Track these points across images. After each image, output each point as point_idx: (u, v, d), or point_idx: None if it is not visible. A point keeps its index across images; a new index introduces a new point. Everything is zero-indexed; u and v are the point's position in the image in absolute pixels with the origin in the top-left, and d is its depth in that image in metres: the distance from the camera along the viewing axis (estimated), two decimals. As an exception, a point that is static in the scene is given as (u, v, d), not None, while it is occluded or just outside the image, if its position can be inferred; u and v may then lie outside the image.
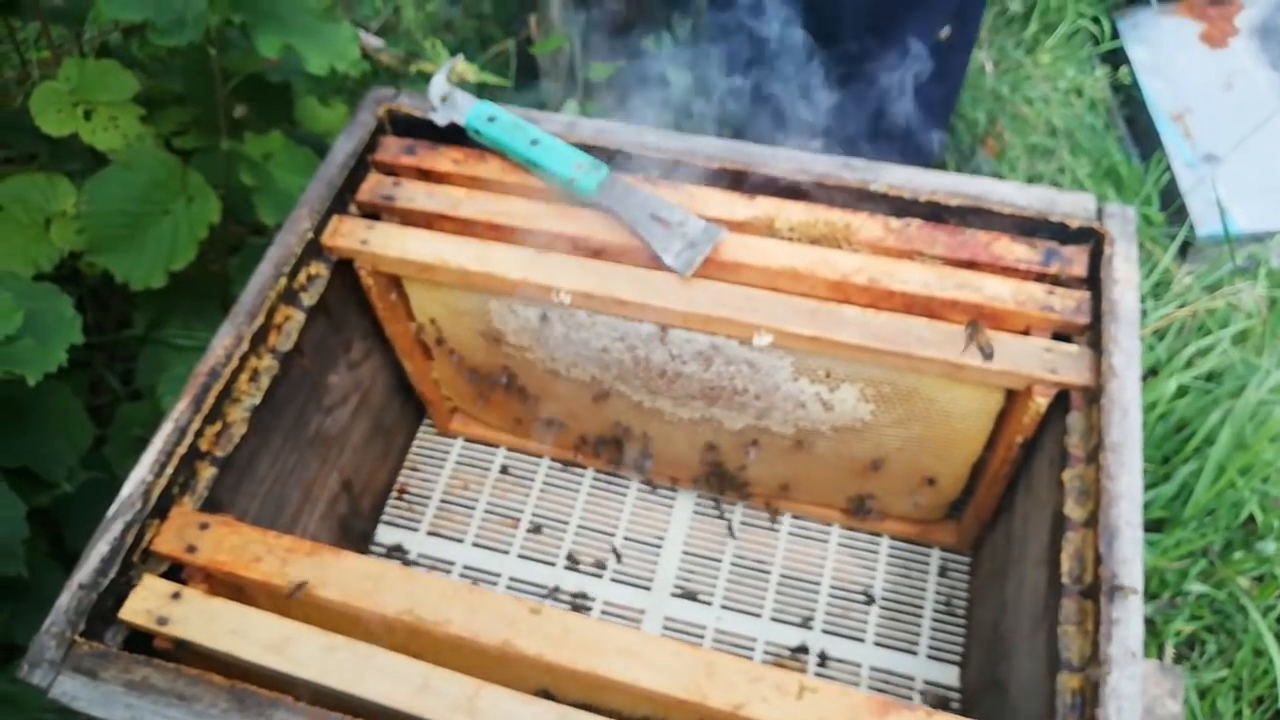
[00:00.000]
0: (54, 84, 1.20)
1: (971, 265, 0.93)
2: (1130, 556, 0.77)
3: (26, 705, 1.14)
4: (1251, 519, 1.53)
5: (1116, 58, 2.19)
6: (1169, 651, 1.48)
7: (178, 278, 1.25)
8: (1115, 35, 2.21)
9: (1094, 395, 0.86)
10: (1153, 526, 1.56)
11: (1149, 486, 1.56)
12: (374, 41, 2.02)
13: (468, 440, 1.29)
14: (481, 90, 1.86)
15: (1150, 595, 1.51)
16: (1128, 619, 0.74)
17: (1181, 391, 1.61)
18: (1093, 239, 0.93)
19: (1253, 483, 1.49)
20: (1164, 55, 2.16)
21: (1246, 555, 1.48)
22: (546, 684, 0.83)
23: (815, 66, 1.46)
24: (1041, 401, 0.89)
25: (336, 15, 1.21)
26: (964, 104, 2.02)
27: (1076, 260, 0.93)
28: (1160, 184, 1.97)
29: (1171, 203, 1.95)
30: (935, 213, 0.96)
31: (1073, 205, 0.95)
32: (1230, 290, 1.71)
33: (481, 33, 2.11)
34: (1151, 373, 1.65)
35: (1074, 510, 0.83)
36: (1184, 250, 1.91)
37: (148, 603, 0.78)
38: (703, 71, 1.53)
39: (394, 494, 1.24)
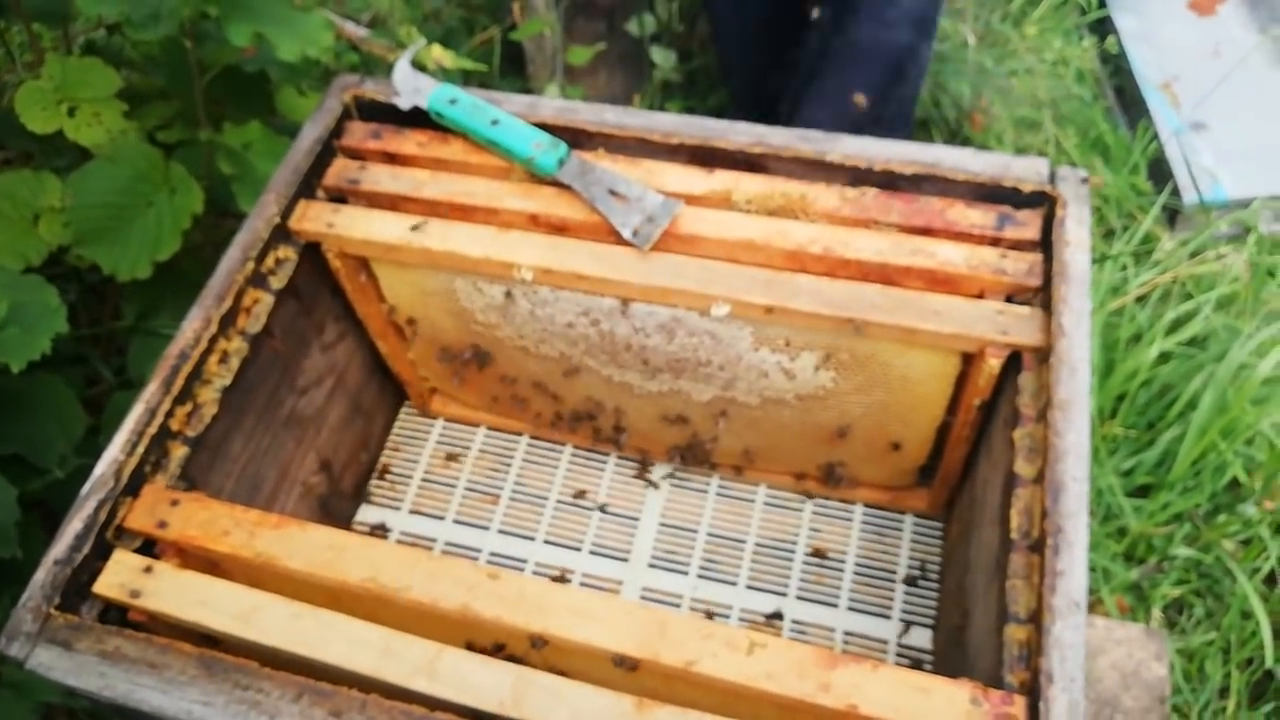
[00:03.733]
0: (38, 82, 1.23)
1: (926, 232, 0.95)
2: (1075, 510, 0.78)
3: (36, 691, 1.18)
4: (1235, 482, 1.53)
5: (1104, 27, 2.19)
6: (1155, 615, 1.49)
7: (166, 269, 1.28)
8: (1103, 4, 2.20)
9: (1044, 355, 0.88)
10: (1138, 492, 1.57)
11: (1133, 453, 1.57)
12: (360, 32, 2.04)
13: (448, 420, 1.31)
14: (466, 77, 1.88)
15: (1136, 560, 1.52)
16: (1071, 570, 0.76)
17: (1164, 357, 1.62)
18: (1046, 202, 0.94)
19: (1235, 445, 1.50)
20: (1152, 24, 2.16)
21: (1231, 518, 1.49)
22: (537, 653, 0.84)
23: None
24: (994, 363, 0.91)
25: (310, 3, 1.23)
26: (948, 78, 2.03)
27: (1030, 224, 0.94)
28: (1149, 153, 1.97)
29: (1160, 171, 1.95)
30: (890, 181, 0.97)
31: (1025, 170, 0.96)
32: (1213, 255, 1.71)
33: (468, 21, 2.14)
34: (1135, 339, 1.65)
35: (1023, 468, 0.84)
36: (1172, 218, 1.91)
37: (120, 576, 0.81)
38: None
39: (376, 474, 1.27)
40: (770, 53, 1.77)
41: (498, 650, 0.84)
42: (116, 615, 0.82)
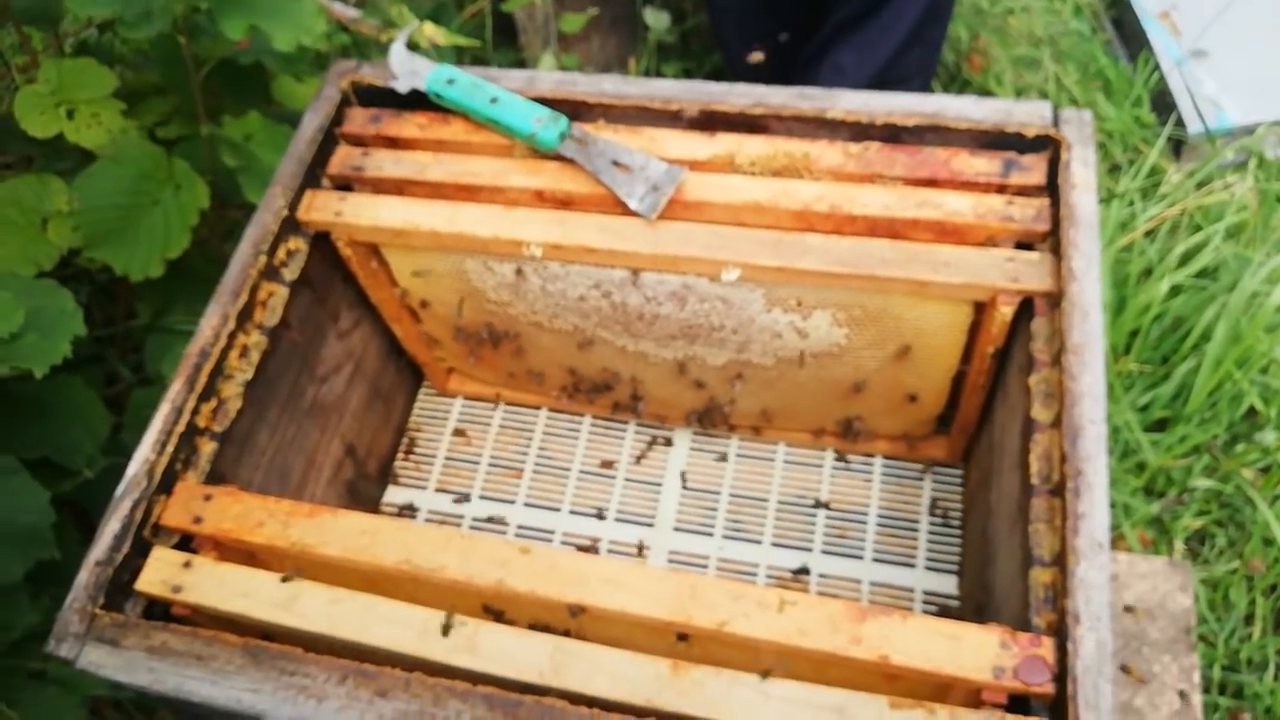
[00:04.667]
0: (35, 86, 1.23)
1: (932, 183, 0.95)
2: (1094, 452, 0.79)
3: (83, 686, 1.21)
4: (1252, 411, 1.54)
5: (1099, -41, 2.16)
6: (1178, 547, 1.50)
7: (177, 265, 1.28)
8: (1097, -65, 2.17)
9: (1056, 300, 0.88)
10: (1155, 426, 1.58)
11: (1149, 388, 1.58)
12: (350, 13, 2.03)
13: (467, 398, 1.32)
14: (460, 53, 1.87)
15: (1157, 494, 1.53)
16: (1093, 512, 0.77)
17: (1176, 291, 1.61)
18: (1050, 146, 0.94)
19: (1251, 374, 1.50)
20: (1147, -49, 2.13)
21: (1249, 447, 1.50)
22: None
23: None
24: (1007, 311, 0.91)
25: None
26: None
27: (1035, 168, 0.94)
28: (1151, 84, 1.95)
29: (1164, 103, 1.93)
30: (893, 134, 0.97)
31: (1028, 114, 0.95)
32: (1221, 185, 1.70)
33: (457, -5, 2.12)
34: (1145, 274, 1.65)
35: (1040, 413, 0.85)
36: (1178, 149, 1.90)
37: (161, 573, 0.82)
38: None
39: (400, 455, 1.28)
40: (771, 25, 1.76)
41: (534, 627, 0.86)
42: (161, 611, 0.84)
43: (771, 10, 1.77)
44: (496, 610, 0.87)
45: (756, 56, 1.78)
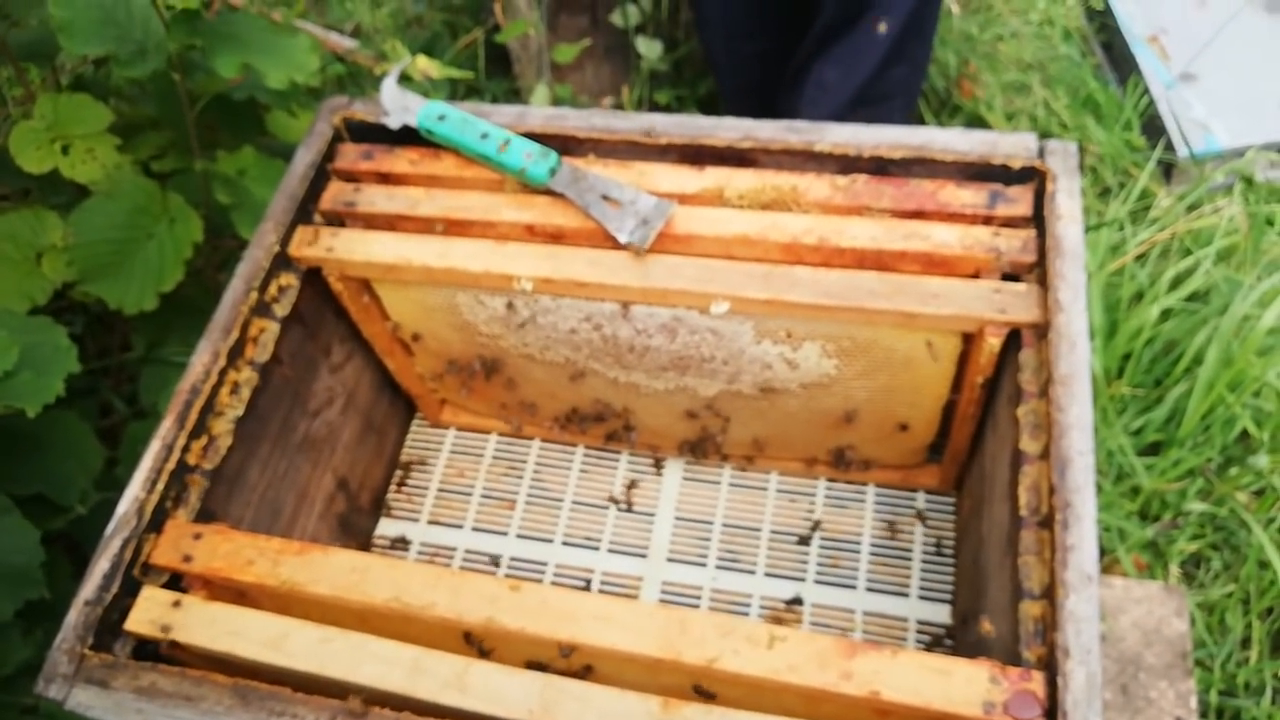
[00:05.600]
0: (30, 122, 1.24)
1: (919, 215, 0.95)
2: (1082, 484, 0.79)
3: (72, 722, 1.20)
4: (1245, 434, 1.54)
5: (1088, -16, 2.18)
6: (1174, 572, 1.50)
7: (171, 298, 1.29)
8: (1085, -39, 2.19)
9: (1043, 331, 0.88)
10: (1149, 450, 1.58)
11: (1142, 412, 1.58)
12: (347, 43, 2.05)
13: (459, 430, 1.32)
14: (454, 84, 1.88)
15: (1151, 518, 1.53)
16: (1081, 544, 0.77)
17: (1167, 314, 1.62)
18: (1036, 177, 0.95)
19: (1243, 398, 1.50)
20: (1136, -23, 2.15)
21: (1242, 470, 1.50)
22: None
23: None
24: (994, 342, 0.91)
25: (291, 15, 1.24)
26: (934, 48, 2.02)
27: (1021, 200, 0.94)
28: (1141, 108, 1.96)
29: (1154, 126, 1.94)
30: (880, 167, 0.98)
31: (1014, 146, 0.96)
32: (1211, 208, 1.71)
33: (451, 25, 2.14)
34: (1137, 298, 1.65)
35: (1029, 444, 0.85)
36: (1168, 172, 1.91)
37: (150, 613, 0.82)
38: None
39: (392, 488, 1.28)
40: (759, 41, 1.77)
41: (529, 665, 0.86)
42: (150, 650, 0.84)
43: (758, 26, 1.77)
44: (477, 641, 0.87)
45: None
